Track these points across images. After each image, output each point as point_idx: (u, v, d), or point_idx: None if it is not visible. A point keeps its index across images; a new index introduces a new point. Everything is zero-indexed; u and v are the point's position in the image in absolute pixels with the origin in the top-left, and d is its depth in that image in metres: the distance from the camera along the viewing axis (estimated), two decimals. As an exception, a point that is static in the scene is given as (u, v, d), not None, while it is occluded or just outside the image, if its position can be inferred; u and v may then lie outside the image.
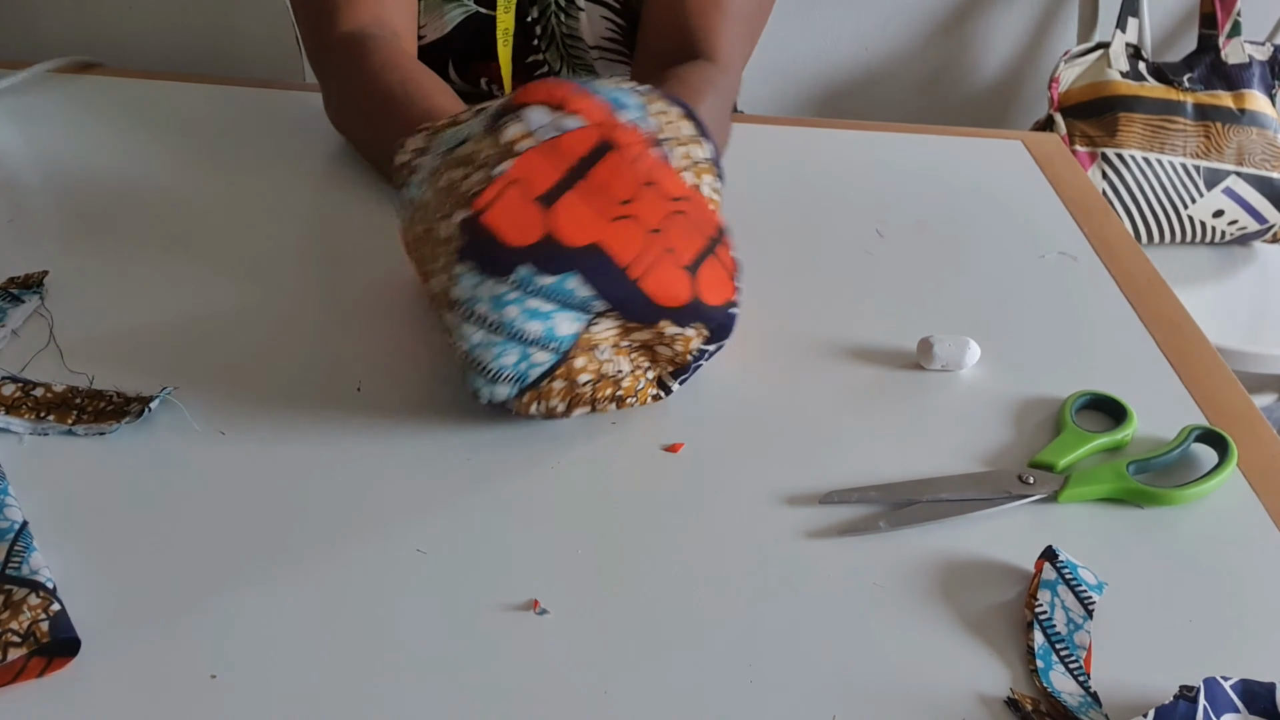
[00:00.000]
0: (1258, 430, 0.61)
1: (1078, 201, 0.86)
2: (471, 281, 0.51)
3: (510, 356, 0.52)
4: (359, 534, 0.51)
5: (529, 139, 0.51)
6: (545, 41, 0.91)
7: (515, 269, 0.50)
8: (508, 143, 0.51)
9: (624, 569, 0.50)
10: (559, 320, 0.52)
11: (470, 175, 0.52)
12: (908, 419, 0.61)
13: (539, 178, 0.51)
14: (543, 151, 0.51)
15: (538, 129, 0.51)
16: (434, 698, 0.44)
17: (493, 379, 0.53)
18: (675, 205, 0.54)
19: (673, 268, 0.53)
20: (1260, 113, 1.43)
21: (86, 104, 0.91)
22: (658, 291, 0.53)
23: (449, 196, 0.52)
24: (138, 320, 0.65)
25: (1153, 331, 0.70)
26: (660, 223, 0.53)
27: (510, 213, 0.50)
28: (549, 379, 0.53)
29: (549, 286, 0.51)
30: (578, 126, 0.52)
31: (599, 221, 0.51)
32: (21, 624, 0.44)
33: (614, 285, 0.52)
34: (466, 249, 0.50)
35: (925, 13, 1.64)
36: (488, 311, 0.51)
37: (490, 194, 0.50)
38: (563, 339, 0.52)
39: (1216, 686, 0.44)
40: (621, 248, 0.52)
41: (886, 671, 0.46)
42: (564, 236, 0.50)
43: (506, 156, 0.51)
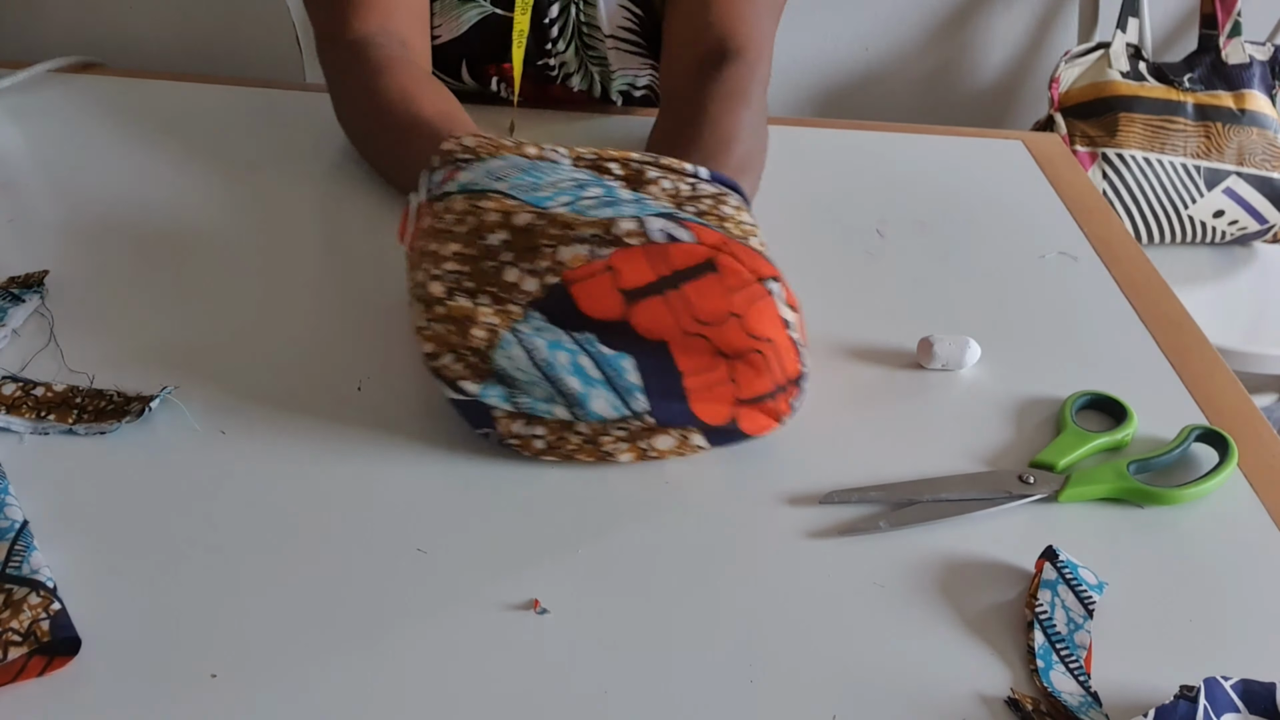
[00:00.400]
0: (1258, 430, 0.61)
1: (1078, 201, 0.85)
2: (539, 323, 0.52)
3: (539, 390, 0.53)
4: (359, 534, 0.51)
5: (639, 238, 0.52)
6: (561, 33, 0.91)
7: (584, 330, 0.52)
8: (619, 234, 0.52)
9: (624, 569, 0.50)
10: (598, 394, 0.53)
11: (564, 241, 0.52)
12: (908, 419, 0.61)
13: (634, 273, 0.52)
14: (647, 252, 0.52)
15: (652, 230, 0.52)
16: (434, 697, 0.44)
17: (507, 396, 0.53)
18: (754, 343, 0.53)
19: (725, 397, 0.54)
20: (1260, 113, 1.43)
21: (87, 104, 0.91)
22: (701, 409, 0.54)
23: (527, 242, 0.53)
24: (138, 320, 0.65)
25: (1153, 331, 0.70)
26: (736, 353, 0.53)
27: (597, 292, 0.52)
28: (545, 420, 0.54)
29: (605, 356, 0.52)
30: (688, 240, 0.52)
31: (674, 330, 0.52)
32: (22, 623, 0.44)
33: (663, 384, 0.53)
34: (545, 304, 0.52)
35: (925, 13, 1.64)
36: (540, 344, 0.52)
37: (586, 271, 0.51)
38: (590, 411, 0.53)
39: (1217, 686, 0.44)
40: (687, 359, 0.53)
41: (887, 671, 0.46)
42: (638, 325, 0.52)
43: (613, 244, 0.52)
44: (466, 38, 0.90)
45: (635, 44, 0.93)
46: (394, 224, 0.76)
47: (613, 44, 0.92)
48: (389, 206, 0.78)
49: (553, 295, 0.52)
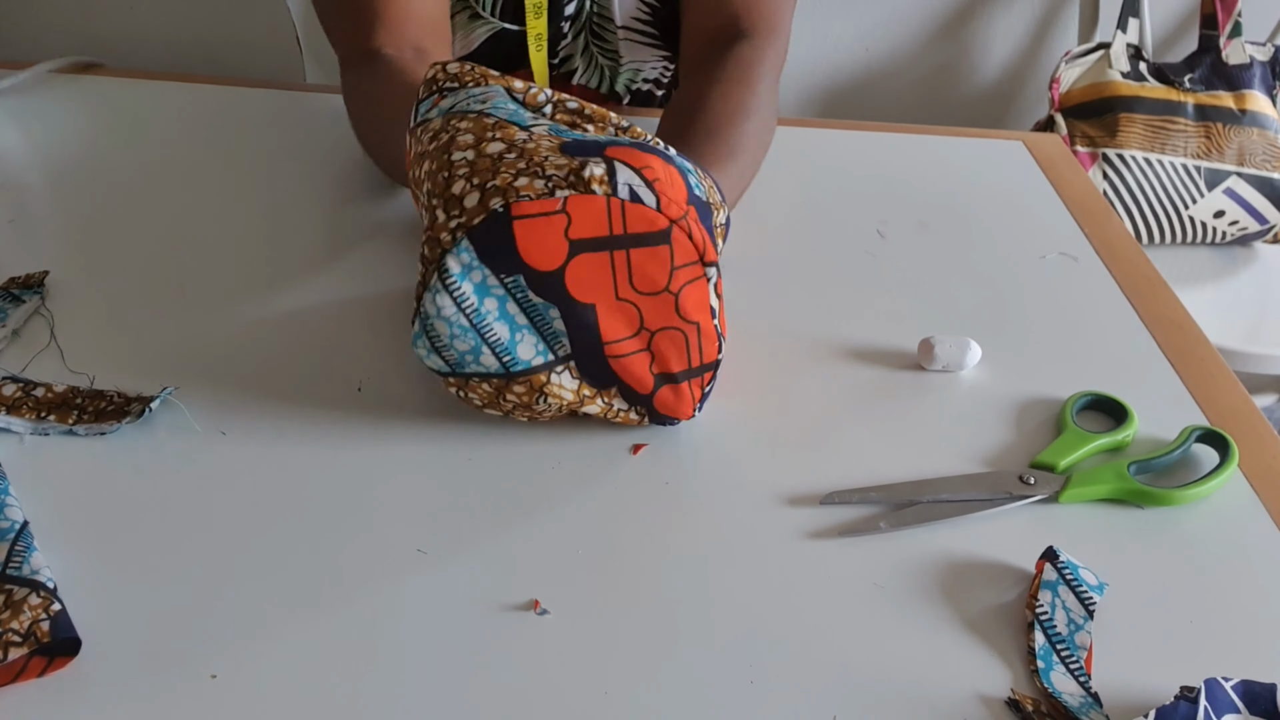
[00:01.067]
0: (1259, 431, 0.61)
1: (1078, 202, 0.85)
2: (469, 258, 0.50)
3: (463, 344, 0.52)
4: (359, 534, 0.51)
5: (605, 186, 0.50)
6: (573, 26, 0.91)
7: (515, 275, 0.50)
8: (587, 178, 0.50)
9: (624, 569, 0.50)
10: (525, 339, 0.52)
11: (526, 172, 0.50)
12: (908, 420, 0.61)
13: (588, 225, 0.50)
14: (609, 206, 0.50)
15: (619, 183, 0.50)
16: (434, 697, 0.44)
17: (434, 349, 0.52)
18: (681, 325, 0.54)
19: (643, 369, 0.54)
20: (1261, 113, 1.43)
21: (87, 104, 0.91)
22: (622, 375, 0.54)
23: (487, 165, 0.51)
24: (138, 320, 0.65)
25: (1154, 332, 0.70)
26: (657, 327, 0.53)
27: (541, 236, 0.50)
28: (479, 380, 0.53)
29: (532, 303, 0.51)
30: (651, 206, 0.51)
31: (608, 292, 0.52)
32: (22, 624, 0.44)
33: (586, 343, 0.52)
34: (481, 233, 0.50)
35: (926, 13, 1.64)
36: (470, 293, 0.50)
37: (537, 208, 0.49)
38: (517, 359, 0.52)
39: (1217, 687, 0.44)
40: (611, 324, 0.52)
41: (887, 672, 0.46)
42: (570, 283, 0.51)
43: (575, 187, 0.50)
44: (477, 54, 0.91)
45: (648, 34, 0.93)
46: (394, 224, 0.76)
47: (625, 35, 0.92)
48: (389, 206, 0.78)
49: (491, 222, 0.49)
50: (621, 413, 0.56)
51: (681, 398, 0.56)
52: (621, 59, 0.94)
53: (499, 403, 0.55)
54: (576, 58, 0.94)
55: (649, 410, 0.57)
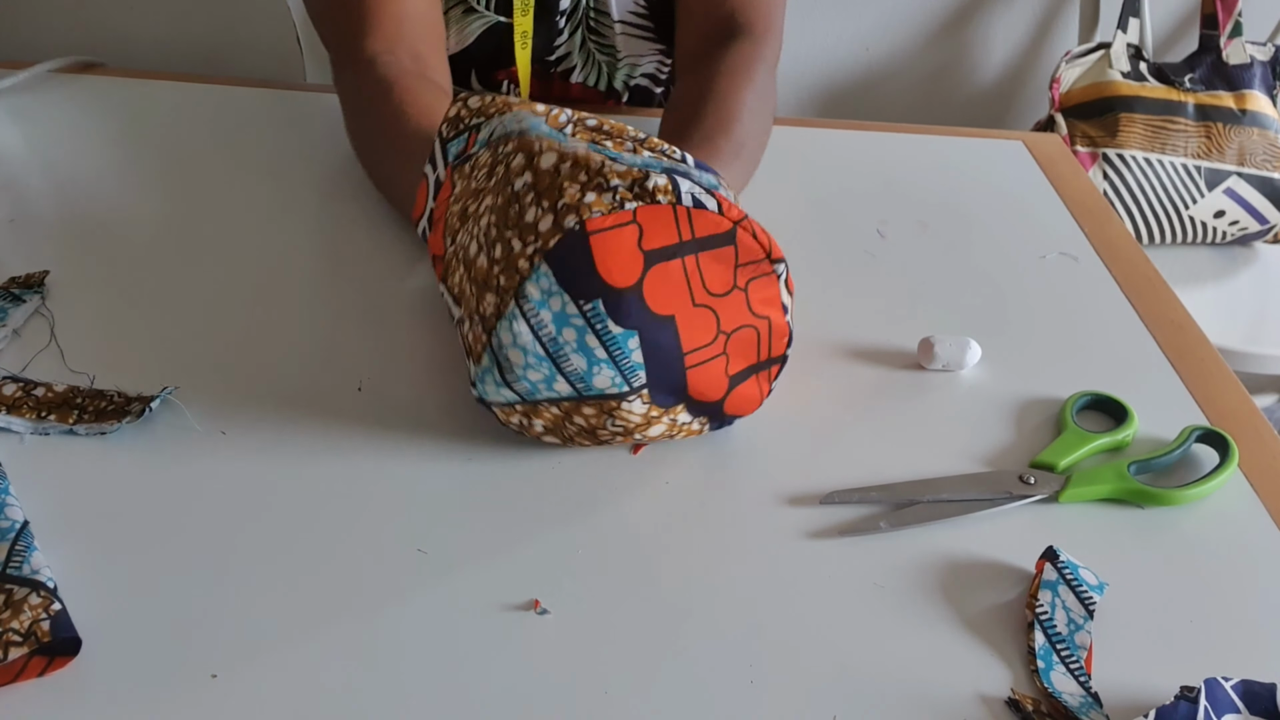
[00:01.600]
0: (1259, 431, 0.61)
1: (1079, 202, 0.85)
2: (548, 284, 0.50)
3: (537, 373, 0.51)
4: (359, 534, 0.51)
5: (670, 195, 0.50)
6: (569, 22, 0.91)
7: (594, 300, 0.50)
8: (651, 188, 0.50)
9: (625, 569, 0.50)
10: (602, 371, 0.51)
11: (591, 186, 0.50)
12: (909, 419, 0.61)
13: (659, 233, 0.50)
14: (676, 213, 0.50)
15: (683, 192, 0.51)
16: (435, 697, 0.44)
17: (504, 382, 0.52)
18: (755, 320, 0.54)
19: (719, 371, 0.54)
20: (1261, 113, 1.43)
21: (87, 104, 0.91)
22: (697, 385, 0.54)
23: (549, 182, 0.51)
24: (138, 320, 0.65)
25: (1154, 332, 0.70)
26: (733, 328, 0.54)
27: (616, 250, 0.50)
28: (548, 405, 0.53)
29: (612, 335, 0.51)
30: (714, 210, 0.51)
31: (684, 300, 0.52)
32: (22, 623, 0.44)
33: (664, 362, 0.52)
34: (559, 255, 0.49)
35: (926, 13, 1.64)
36: (549, 320, 0.50)
37: (611, 221, 0.49)
38: (592, 388, 0.52)
39: (1217, 687, 0.44)
40: (691, 332, 0.52)
41: (887, 671, 0.46)
42: (648, 297, 0.51)
43: (643, 198, 0.50)
44: (473, 48, 0.90)
45: (644, 28, 0.93)
46: (394, 224, 0.76)
47: (622, 29, 0.92)
48: (389, 207, 0.78)
49: (568, 243, 0.49)
50: (685, 426, 0.56)
51: (749, 395, 0.56)
52: (619, 54, 0.94)
53: (564, 426, 0.54)
54: (574, 54, 0.94)
55: (715, 416, 0.56)
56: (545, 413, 0.53)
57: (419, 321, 0.66)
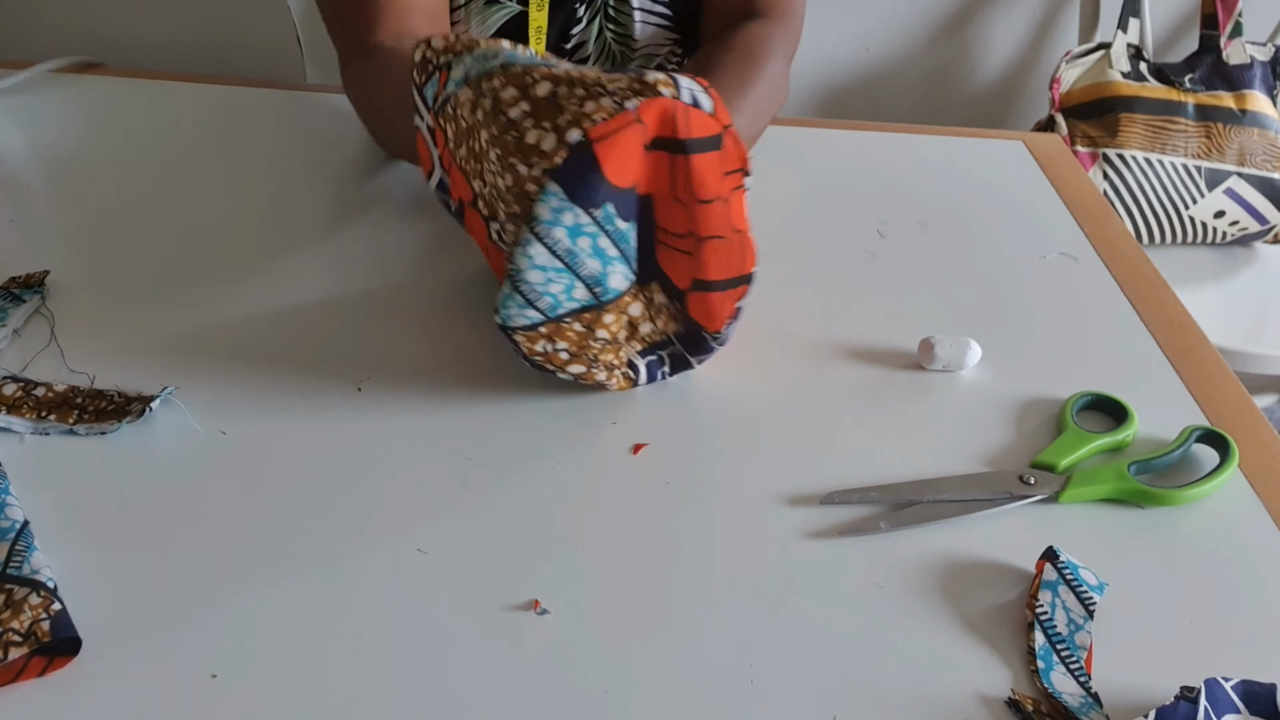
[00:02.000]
0: (1259, 431, 0.61)
1: (1079, 202, 0.85)
2: (558, 202, 0.50)
3: (557, 285, 0.52)
4: (359, 534, 0.51)
5: (671, 89, 0.50)
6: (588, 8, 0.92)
7: (603, 204, 0.50)
8: (651, 82, 0.49)
9: (625, 569, 0.50)
10: (615, 269, 0.52)
11: (589, 97, 0.50)
12: (909, 419, 0.61)
13: (658, 128, 0.50)
14: (675, 109, 0.50)
15: (682, 87, 0.50)
16: (435, 697, 0.44)
17: (528, 301, 0.52)
18: (728, 234, 0.54)
19: (683, 266, 0.55)
20: (1261, 113, 1.43)
21: (88, 104, 0.91)
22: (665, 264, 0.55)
23: (547, 107, 0.50)
24: (138, 320, 0.65)
25: (1154, 332, 0.70)
26: (706, 235, 0.54)
27: (623, 151, 0.49)
28: (572, 319, 0.53)
29: (621, 232, 0.51)
30: (708, 111, 0.51)
31: (664, 188, 0.52)
32: (22, 623, 0.44)
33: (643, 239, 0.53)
34: (565, 172, 0.49)
35: (926, 13, 1.64)
36: (563, 236, 0.50)
37: (613, 125, 0.49)
38: (608, 288, 0.53)
39: (1217, 687, 0.44)
40: (665, 216, 0.53)
41: (887, 672, 0.46)
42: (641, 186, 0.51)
43: (643, 93, 0.49)
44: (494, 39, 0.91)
45: (664, 16, 0.94)
46: (395, 224, 0.76)
47: (641, 17, 0.93)
48: (389, 206, 0.78)
49: (574, 157, 0.49)
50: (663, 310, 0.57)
51: (712, 308, 0.56)
52: (636, 43, 0.94)
53: (587, 347, 0.54)
54: (590, 44, 0.94)
55: (682, 311, 0.57)
56: (568, 332, 0.54)
57: (419, 321, 0.66)
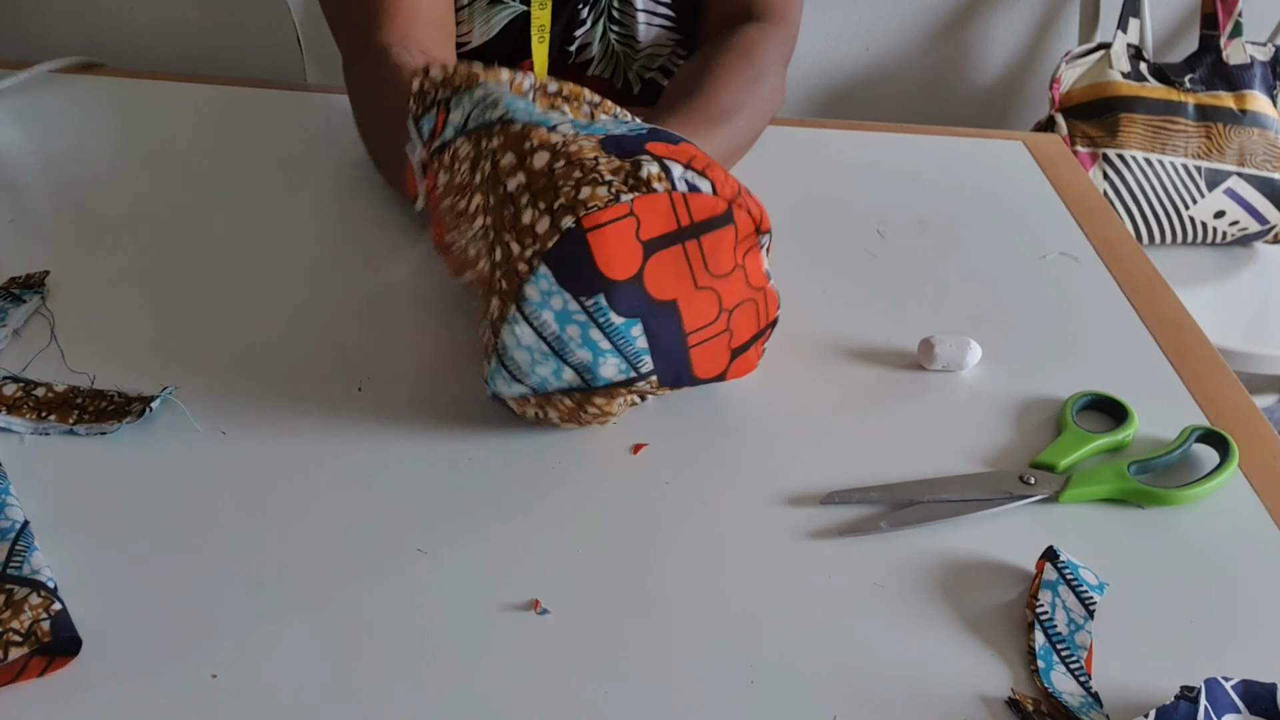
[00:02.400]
0: (1259, 431, 0.61)
1: (1079, 202, 0.85)
2: (548, 285, 0.50)
3: (544, 368, 0.52)
4: (359, 534, 0.51)
5: (664, 183, 0.50)
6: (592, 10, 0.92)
7: (596, 295, 0.50)
8: (645, 177, 0.50)
9: (625, 569, 0.50)
10: (607, 361, 0.52)
11: (585, 182, 0.50)
12: (909, 419, 0.61)
13: (655, 222, 0.50)
14: (670, 200, 0.51)
15: (677, 177, 0.51)
16: (435, 697, 0.44)
17: (515, 379, 0.53)
18: (753, 294, 0.55)
19: (723, 347, 0.56)
20: (1261, 113, 1.43)
21: (88, 104, 0.91)
22: (700, 363, 0.55)
23: (544, 183, 0.51)
24: (139, 320, 0.65)
25: (1154, 332, 0.70)
26: (734, 304, 0.55)
27: (615, 243, 0.50)
28: (563, 395, 0.54)
29: (615, 326, 0.51)
30: (708, 192, 0.52)
31: (687, 283, 0.52)
32: (23, 623, 0.44)
33: (669, 345, 0.53)
34: (557, 255, 0.49)
35: (926, 13, 1.64)
36: (551, 320, 0.50)
37: (608, 215, 0.49)
38: (600, 378, 0.53)
39: (1218, 687, 0.44)
40: (693, 315, 0.53)
41: (888, 671, 0.46)
42: (649, 284, 0.51)
43: (638, 189, 0.50)
44: (498, 39, 0.91)
45: (666, 18, 0.94)
46: (395, 224, 0.76)
47: (645, 19, 0.93)
48: (390, 206, 0.78)
49: (566, 243, 0.49)
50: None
51: (748, 362, 0.58)
52: (639, 45, 0.95)
53: (579, 416, 0.55)
54: (594, 45, 0.94)
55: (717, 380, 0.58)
56: (559, 404, 0.54)
57: (419, 321, 0.66)
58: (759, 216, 0.54)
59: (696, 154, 0.53)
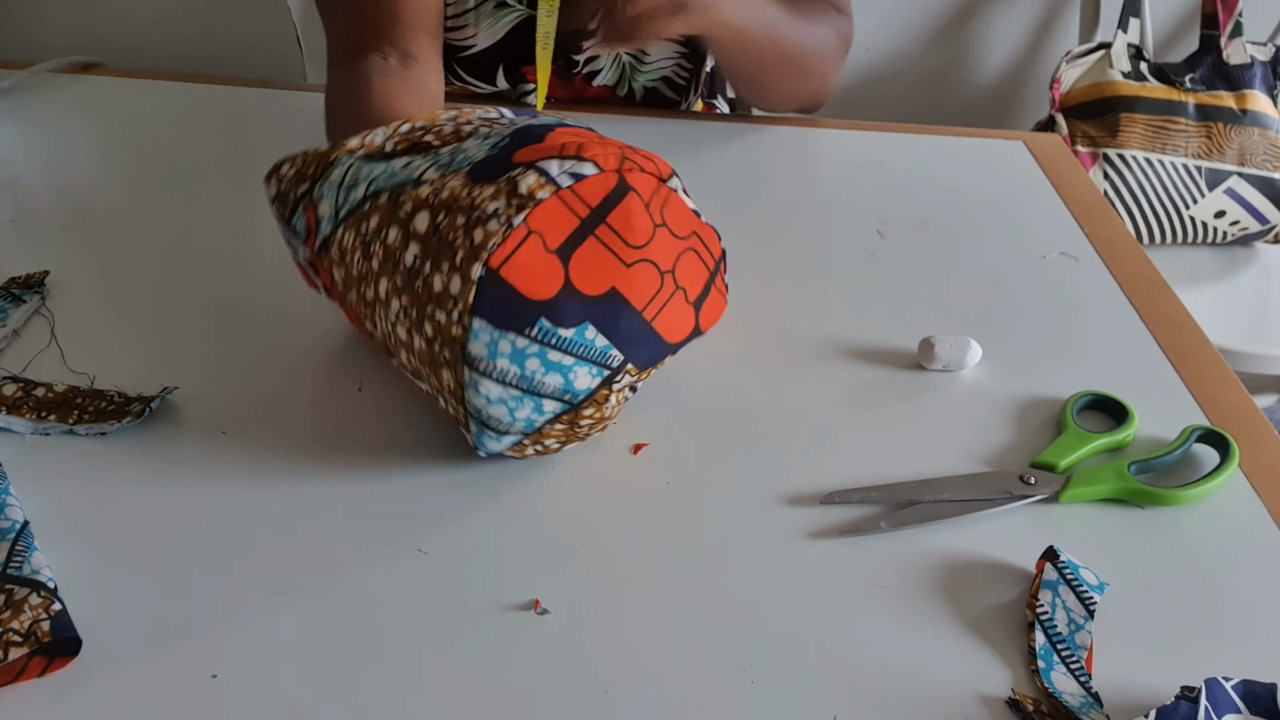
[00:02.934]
0: (1259, 431, 0.61)
1: (1079, 202, 0.85)
2: (489, 336, 0.49)
3: (524, 410, 0.51)
4: (360, 534, 0.51)
5: (547, 187, 0.49)
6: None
7: (536, 322, 0.49)
8: (527, 192, 0.49)
9: (625, 569, 0.50)
10: (578, 373, 0.51)
11: (473, 225, 0.49)
12: (909, 419, 0.61)
13: (556, 228, 0.49)
14: (560, 200, 0.49)
15: (556, 175, 0.49)
16: (435, 697, 0.44)
17: (501, 433, 0.52)
18: (686, 242, 0.54)
19: (682, 304, 0.54)
20: (1262, 113, 1.43)
21: (88, 104, 0.91)
22: (668, 330, 0.54)
23: (436, 244, 0.50)
24: (138, 320, 0.65)
25: (1154, 332, 0.70)
26: (673, 262, 0.53)
27: (529, 266, 0.49)
28: (552, 424, 0.53)
29: (568, 339, 0.50)
30: (593, 173, 0.50)
31: (616, 267, 0.51)
32: (23, 623, 0.44)
33: (629, 330, 0.52)
34: (482, 304, 0.48)
35: (927, 13, 1.64)
36: (508, 366, 0.49)
37: (509, 246, 0.48)
38: (579, 391, 0.51)
39: (1218, 687, 0.44)
40: (637, 292, 0.52)
41: (888, 672, 0.46)
42: (581, 286, 0.50)
43: (525, 206, 0.48)
44: (503, 43, 0.91)
45: None
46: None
47: None
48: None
49: (485, 290, 0.48)
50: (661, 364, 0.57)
51: (716, 305, 0.57)
52: (646, 56, 0.94)
53: (574, 433, 0.54)
54: (603, 56, 0.94)
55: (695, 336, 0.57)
56: (551, 432, 0.53)
57: (419, 321, 0.66)
58: (657, 168, 0.52)
59: (565, 138, 0.51)
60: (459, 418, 0.52)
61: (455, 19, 0.90)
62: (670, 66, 0.97)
